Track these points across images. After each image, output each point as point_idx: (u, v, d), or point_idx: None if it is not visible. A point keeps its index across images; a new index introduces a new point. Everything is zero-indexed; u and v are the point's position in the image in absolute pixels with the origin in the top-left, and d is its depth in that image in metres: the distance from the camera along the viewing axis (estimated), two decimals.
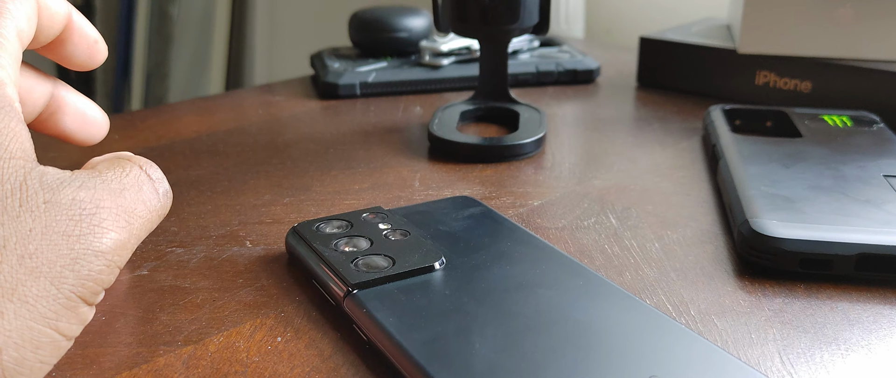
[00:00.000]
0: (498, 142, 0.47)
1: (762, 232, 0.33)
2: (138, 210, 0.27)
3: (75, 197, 0.24)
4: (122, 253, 0.25)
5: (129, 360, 0.28)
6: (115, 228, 0.25)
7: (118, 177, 0.27)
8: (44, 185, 0.24)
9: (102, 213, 0.25)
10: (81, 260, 0.24)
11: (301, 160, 0.48)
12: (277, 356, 0.28)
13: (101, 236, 0.24)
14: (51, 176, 0.25)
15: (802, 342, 0.28)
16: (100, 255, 0.24)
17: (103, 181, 0.26)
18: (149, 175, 0.28)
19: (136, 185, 0.27)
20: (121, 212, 0.26)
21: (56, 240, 0.23)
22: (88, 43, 0.31)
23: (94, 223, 0.24)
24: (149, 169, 0.29)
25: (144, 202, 0.27)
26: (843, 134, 0.46)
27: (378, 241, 0.33)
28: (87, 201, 0.25)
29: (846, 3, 0.55)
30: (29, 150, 0.25)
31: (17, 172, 0.24)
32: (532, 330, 0.27)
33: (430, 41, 0.64)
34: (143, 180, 0.28)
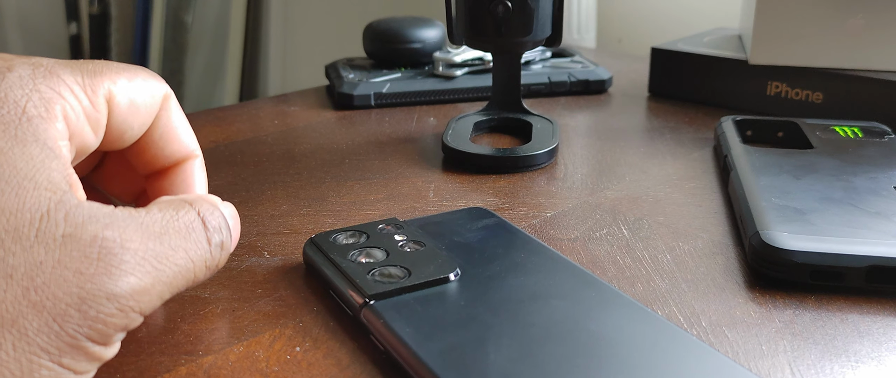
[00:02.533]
0: (511, 153, 0.48)
1: (773, 244, 0.34)
2: (176, 258, 0.25)
3: (98, 234, 0.23)
4: (141, 299, 0.24)
5: (151, 369, 0.28)
6: (137, 273, 0.24)
7: (164, 218, 0.26)
8: (69, 218, 0.23)
9: (125, 255, 0.24)
10: (90, 301, 0.23)
11: (317, 170, 0.48)
12: (296, 366, 0.28)
13: (116, 279, 0.23)
14: (82, 211, 0.24)
15: (813, 354, 0.29)
16: (112, 299, 0.23)
17: (142, 222, 0.25)
18: (205, 222, 0.27)
19: (182, 231, 0.26)
20: (149, 256, 0.24)
21: (66, 276, 0.22)
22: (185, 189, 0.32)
23: (112, 264, 0.23)
24: (208, 216, 0.27)
25: (187, 250, 0.26)
26: (854, 145, 0.46)
27: (394, 252, 0.34)
28: (112, 240, 0.23)
29: (857, 13, 0.55)
30: (59, 183, 0.24)
31: (40, 203, 0.23)
32: (546, 340, 0.27)
33: (443, 52, 0.65)
34: (195, 227, 0.27)
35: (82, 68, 0.27)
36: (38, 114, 0.25)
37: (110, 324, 0.23)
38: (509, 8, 0.48)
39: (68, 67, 0.26)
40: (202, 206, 0.27)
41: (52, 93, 0.25)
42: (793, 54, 0.57)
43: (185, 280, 0.26)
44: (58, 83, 0.26)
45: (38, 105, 0.25)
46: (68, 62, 0.27)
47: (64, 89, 0.26)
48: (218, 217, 0.28)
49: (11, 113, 0.24)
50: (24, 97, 0.25)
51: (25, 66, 0.26)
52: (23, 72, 0.25)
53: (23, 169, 0.23)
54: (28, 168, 0.24)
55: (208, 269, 0.27)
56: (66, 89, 0.26)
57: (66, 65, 0.27)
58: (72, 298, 0.22)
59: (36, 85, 0.25)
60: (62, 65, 0.26)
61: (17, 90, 0.25)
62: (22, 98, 0.25)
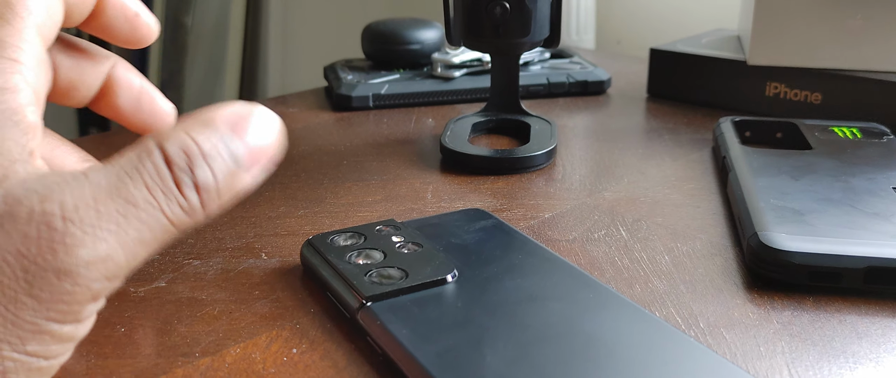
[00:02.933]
0: (509, 154, 0.48)
1: (771, 245, 0.34)
2: (138, 213, 0.22)
3: (35, 209, 0.21)
4: (103, 268, 0.22)
5: (148, 371, 0.28)
6: (88, 243, 0.21)
7: (122, 169, 0.23)
8: (7, 197, 0.21)
9: (69, 227, 0.21)
10: (39, 282, 0.21)
11: (315, 172, 0.48)
12: (293, 368, 0.28)
13: (64, 254, 0.21)
14: (21, 185, 0.22)
15: (811, 355, 0.29)
16: (63, 276, 0.21)
17: (93, 182, 0.22)
18: (169, 162, 0.23)
19: (143, 180, 0.22)
20: (102, 220, 0.22)
21: (9, 260, 0.21)
22: (128, 16, 0.28)
23: (54, 240, 0.21)
24: (173, 152, 0.23)
25: (151, 201, 0.22)
26: (852, 146, 0.46)
27: (391, 253, 0.33)
28: (50, 214, 0.21)
29: (856, 14, 0.55)
30: (11, 153, 0.22)
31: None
32: (543, 342, 0.27)
33: (442, 53, 0.65)
34: (160, 172, 0.23)
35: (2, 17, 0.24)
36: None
37: (72, 301, 0.21)
38: (507, 9, 0.48)
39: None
40: (170, 143, 0.23)
41: (3, 61, 0.24)
42: (791, 55, 0.57)
43: (160, 233, 0.23)
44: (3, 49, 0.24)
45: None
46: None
47: (12, 52, 0.24)
48: (190, 151, 0.23)
49: None
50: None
51: None
52: None
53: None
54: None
55: (191, 213, 0.23)
56: (13, 51, 0.24)
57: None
58: (19, 284, 0.21)
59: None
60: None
61: None
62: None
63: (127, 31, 0.29)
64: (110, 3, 0.28)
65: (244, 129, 0.25)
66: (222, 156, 0.24)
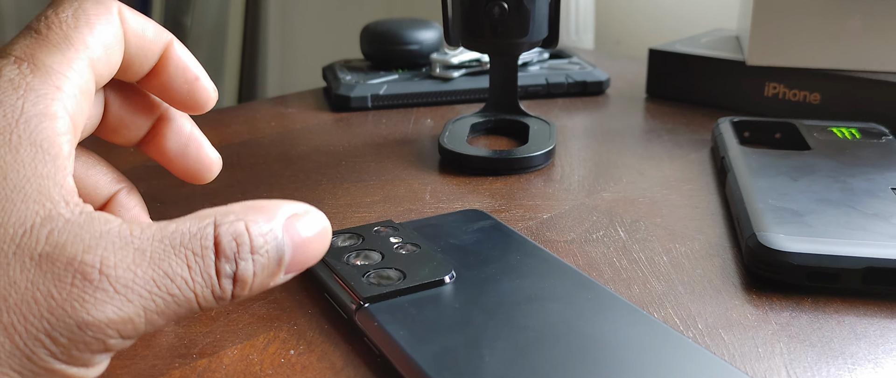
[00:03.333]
0: (508, 154, 0.48)
1: (769, 246, 0.33)
2: (170, 286, 0.23)
3: (76, 257, 0.21)
4: (121, 329, 0.22)
5: (145, 372, 0.28)
6: (117, 302, 0.22)
7: (171, 239, 0.23)
8: (51, 237, 0.22)
9: (103, 283, 0.22)
10: (60, 328, 0.21)
11: (313, 173, 0.48)
12: (290, 369, 0.28)
13: (89, 307, 0.21)
14: (68, 229, 0.22)
15: (809, 356, 0.29)
16: (85, 327, 0.21)
17: (137, 245, 0.22)
18: (218, 246, 0.23)
19: (186, 258, 0.23)
20: (137, 284, 0.22)
21: (38, 298, 0.21)
22: (187, 79, 0.29)
23: (86, 291, 0.21)
24: (225, 239, 0.23)
25: (187, 279, 0.23)
26: (851, 146, 0.46)
27: (389, 254, 0.33)
28: (90, 265, 0.21)
29: (855, 15, 0.55)
30: (50, 193, 0.22)
31: (26, 217, 0.22)
32: (541, 343, 0.27)
33: (440, 54, 0.65)
34: (205, 255, 0.23)
35: (57, 46, 0.25)
36: (37, 112, 0.23)
37: (86, 350, 0.22)
38: (505, 9, 0.48)
39: (45, 50, 0.25)
40: (226, 228, 0.23)
41: (47, 86, 0.24)
42: (790, 55, 0.57)
43: (185, 309, 0.23)
44: (49, 75, 0.24)
45: (37, 103, 0.24)
46: (40, 42, 0.25)
47: (57, 79, 0.24)
48: (241, 242, 0.23)
49: (8, 117, 0.23)
50: (19, 99, 0.23)
51: (11, 67, 0.24)
52: (10, 73, 0.24)
53: (13, 179, 0.22)
54: (18, 178, 0.22)
55: (218, 300, 0.24)
56: (58, 78, 0.24)
57: (41, 48, 0.25)
58: (42, 323, 0.21)
59: (29, 83, 0.24)
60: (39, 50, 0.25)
61: (12, 94, 0.23)
62: (18, 100, 0.23)
63: (185, 93, 0.30)
64: (172, 61, 0.29)
65: (298, 230, 0.25)
66: (270, 254, 0.24)
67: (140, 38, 0.28)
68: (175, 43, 0.29)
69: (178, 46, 0.29)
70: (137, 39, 0.28)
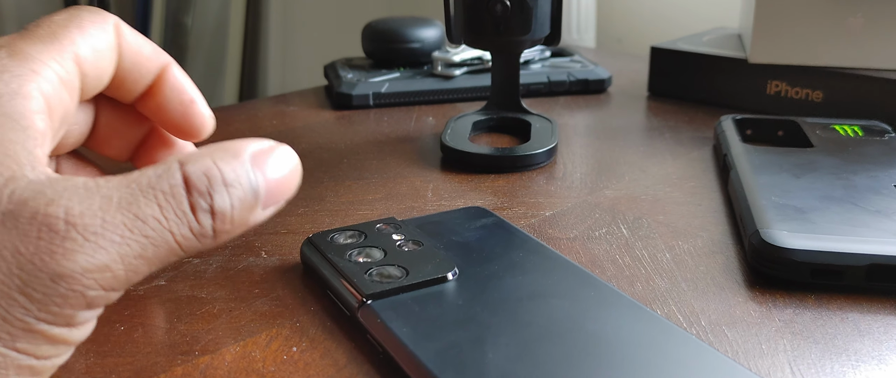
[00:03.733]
0: (510, 152, 0.48)
1: (773, 243, 0.33)
2: (145, 229, 0.22)
3: (39, 210, 0.21)
4: (99, 276, 0.22)
5: (147, 369, 0.28)
6: (88, 250, 0.21)
7: (138, 184, 0.23)
8: (14, 195, 0.21)
9: (71, 232, 0.21)
10: (32, 283, 0.21)
11: (315, 170, 0.48)
12: (293, 366, 0.28)
13: (61, 257, 0.21)
14: (30, 187, 0.22)
15: (813, 353, 0.29)
16: (58, 279, 0.21)
17: (104, 193, 0.22)
18: (188, 183, 0.23)
19: (156, 199, 0.23)
20: (107, 230, 0.22)
21: (6, 257, 0.21)
22: (183, 101, 0.29)
23: (54, 242, 0.21)
24: (195, 175, 0.23)
25: (160, 219, 0.23)
26: (854, 143, 0.46)
27: (392, 251, 0.33)
28: (54, 217, 0.21)
29: (857, 12, 0.55)
30: (17, 156, 0.22)
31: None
32: (544, 340, 0.27)
33: (442, 52, 0.65)
34: (176, 193, 0.23)
35: (41, 38, 0.25)
36: (10, 91, 0.23)
37: (64, 305, 0.21)
38: (508, 7, 0.48)
39: (28, 41, 0.25)
40: (193, 166, 0.23)
41: (23, 69, 0.24)
42: (792, 53, 0.57)
43: (165, 251, 0.23)
44: (26, 60, 0.24)
45: (10, 82, 0.24)
46: (24, 35, 0.25)
47: (34, 64, 0.25)
48: (212, 176, 0.23)
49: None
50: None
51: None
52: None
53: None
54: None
55: (200, 238, 0.23)
56: (36, 64, 0.25)
57: (24, 39, 0.25)
58: (13, 281, 0.21)
59: (4, 65, 0.24)
60: (22, 40, 0.25)
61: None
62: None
63: (179, 116, 0.30)
64: (169, 82, 0.29)
65: (267, 164, 0.25)
66: (243, 186, 0.24)
67: (136, 54, 0.28)
68: (173, 65, 0.29)
69: (176, 69, 0.30)
70: (133, 54, 0.28)
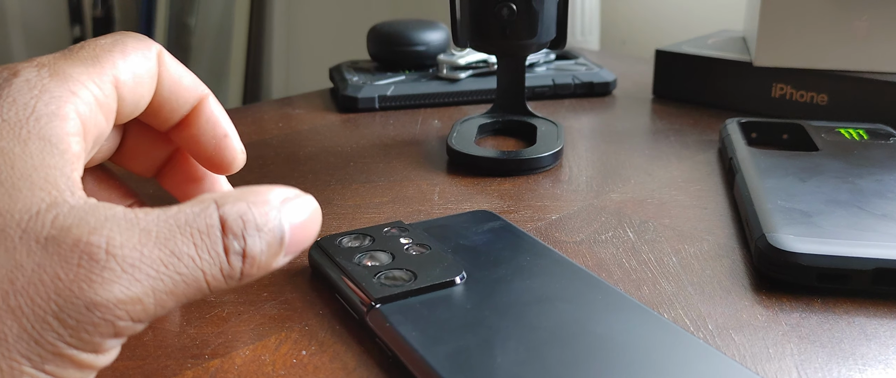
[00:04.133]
0: (516, 155, 0.48)
1: (779, 246, 0.34)
2: (178, 265, 0.23)
3: (82, 239, 0.22)
4: (130, 309, 0.22)
5: (158, 372, 0.28)
6: (124, 281, 0.22)
7: (176, 220, 0.23)
8: (57, 220, 0.22)
9: (110, 262, 0.22)
10: (68, 309, 0.21)
11: (322, 173, 0.48)
12: (303, 369, 0.28)
13: (96, 287, 0.22)
14: (73, 213, 0.22)
15: (820, 357, 0.29)
16: (92, 308, 0.21)
17: (143, 226, 0.23)
18: (224, 225, 0.24)
19: (193, 235, 0.23)
20: (143, 263, 0.22)
21: (44, 280, 0.21)
22: (216, 134, 0.30)
23: (93, 271, 0.22)
24: (230, 218, 0.24)
25: (194, 257, 0.23)
26: (859, 147, 0.46)
27: (399, 255, 0.34)
28: (96, 246, 0.22)
29: (862, 15, 0.55)
30: (57, 182, 0.23)
31: (32, 203, 0.22)
32: (553, 343, 0.27)
33: (447, 55, 0.65)
34: (211, 232, 0.24)
35: (83, 60, 0.26)
36: (49, 112, 0.24)
37: (94, 333, 0.22)
38: (514, 10, 0.48)
39: (70, 61, 0.26)
40: (230, 207, 0.24)
41: (62, 90, 0.25)
42: (798, 56, 0.57)
43: (194, 290, 0.24)
44: (66, 81, 0.25)
45: (49, 103, 0.24)
46: (67, 55, 0.26)
47: (73, 85, 0.25)
48: (247, 220, 0.24)
49: (20, 114, 0.24)
50: (33, 98, 0.24)
51: (31, 69, 0.25)
52: (29, 75, 0.25)
53: (20, 168, 0.23)
54: (25, 167, 0.23)
55: (228, 279, 0.24)
56: (76, 85, 0.25)
57: (66, 59, 0.26)
58: (49, 305, 0.21)
59: (45, 85, 0.25)
60: (64, 61, 0.26)
61: (26, 93, 0.24)
62: (31, 99, 0.24)
63: (212, 149, 0.31)
64: (205, 114, 0.30)
65: (293, 211, 0.26)
66: (273, 232, 0.25)
67: (175, 83, 0.29)
68: (210, 98, 0.30)
69: (213, 102, 0.30)
70: (172, 84, 0.29)
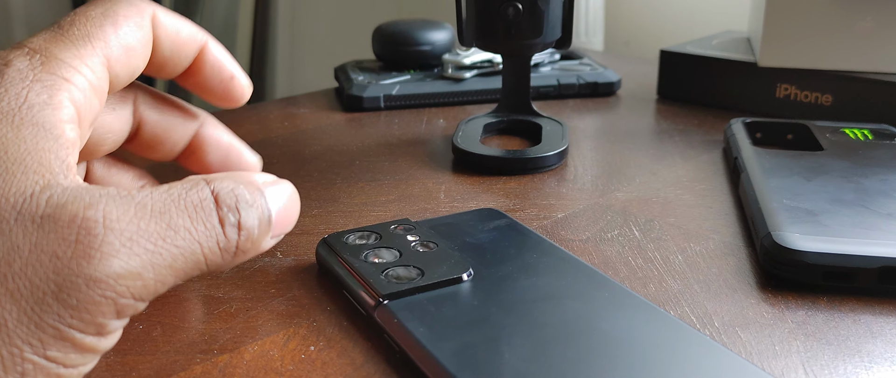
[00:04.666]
0: (521, 154, 0.48)
1: (785, 245, 0.34)
2: (176, 239, 0.23)
3: (79, 214, 0.22)
4: (130, 283, 0.22)
5: (167, 367, 0.28)
6: (123, 255, 0.22)
7: (169, 195, 0.23)
8: (51, 200, 0.22)
9: (109, 236, 0.22)
10: (67, 287, 0.21)
11: (328, 172, 0.48)
12: (311, 365, 0.28)
13: (96, 262, 0.21)
14: (67, 192, 0.22)
15: (826, 354, 0.29)
16: (92, 284, 0.21)
17: (138, 201, 0.23)
18: (217, 199, 0.24)
19: (187, 209, 0.24)
20: (140, 237, 0.22)
21: (42, 260, 0.21)
22: (223, 78, 0.30)
23: (92, 246, 0.21)
24: (223, 192, 0.24)
25: (191, 230, 0.23)
26: (864, 147, 0.47)
27: (406, 252, 0.34)
28: (93, 220, 0.22)
29: (867, 16, 0.55)
30: (50, 165, 0.23)
31: (26, 186, 0.22)
32: (559, 340, 0.27)
33: (452, 54, 0.65)
34: (204, 205, 0.24)
35: (74, 40, 0.25)
36: (41, 101, 0.24)
37: (96, 312, 0.22)
38: (520, 10, 0.48)
39: (61, 44, 0.25)
40: (220, 183, 0.24)
41: (54, 78, 0.24)
42: (802, 56, 0.57)
43: (192, 264, 0.24)
44: (58, 67, 0.25)
45: (41, 93, 0.24)
46: (58, 36, 0.25)
47: (66, 71, 0.25)
48: (238, 195, 0.25)
49: (12, 103, 0.23)
50: (25, 89, 0.24)
51: (22, 58, 0.24)
52: (21, 64, 0.24)
53: (14, 153, 0.22)
54: (18, 152, 0.22)
55: (224, 253, 0.24)
56: (68, 70, 0.25)
57: (57, 41, 0.25)
58: (48, 286, 0.21)
59: (37, 75, 0.24)
60: (55, 44, 0.25)
61: (18, 83, 0.24)
62: (24, 90, 0.24)
63: (221, 91, 0.31)
64: (208, 61, 0.30)
65: (275, 194, 0.27)
66: (263, 210, 0.26)
67: (173, 40, 0.29)
68: (210, 43, 0.30)
69: (214, 46, 0.30)
70: (171, 41, 0.29)
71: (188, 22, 0.29)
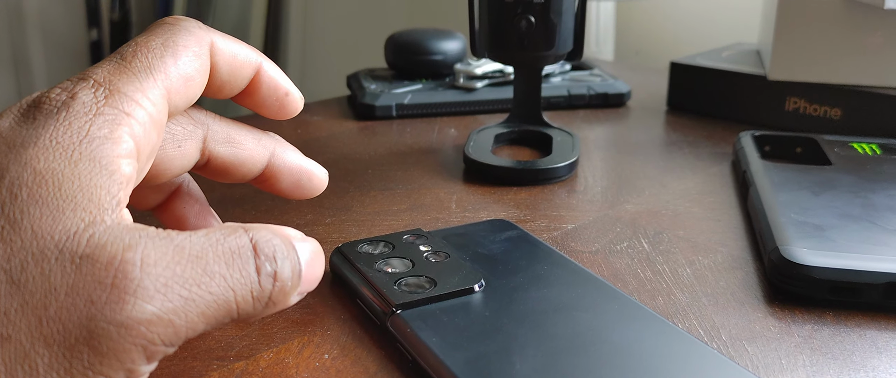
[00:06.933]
0: (532, 165, 0.49)
1: (792, 259, 0.34)
2: (211, 285, 0.23)
3: (117, 256, 0.21)
4: (162, 330, 0.22)
5: (184, 373, 0.29)
6: (157, 300, 0.21)
7: (208, 240, 0.23)
8: (92, 239, 0.22)
9: (145, 280, 0.21)
10: (100, 334, 0.21)
11: (340, 180, 0.49)
12: (325, 373, 0.29)
13: (131, 307, 0.21)
14: (109, 231, 0.22)
15: (831, 369, 0.29)
16: (124, 331, 0.21)
17: (177, 244, 0.23)
18: (256, 248, 0.24)
19: (225, 255, 0.23)
20: (176, 282, 0.22)
21: (77, 304, 0.21)
22: (278, 96, 0.31)
23: (127, 290, 0.21)
24: (261, 242, 0.24)
25: (226, 277, 0.23)
26: (872, 162, 0.47)
27: (419, 262, 0.34)
28: (130, 263, 0.21)
29: (876, 31, 0.55)
30: (100, 201, 0.23)
31: (72, 224, 0.22)
32: (569, 351, 0.28)
33: (464, 64, 0.66)
34: (242, 253, 0.24)
35: (136, 73, 0.26)
36: (101, 135, 0.24)
37: (126, 358, 0.21)
38: (532, 23, 0.49)
39: (124, 77, 0.26)
40: (259, 233, 0.25)
41: (116, 112, 0.25)
42: (812, 70, 0.58)
43: (224, 311, 0.23)
44: (121, 101, 0.25)
45: (102, 127, 0.24)
46: (121, 68, 0.26)
47: (128, 105, 0.25)
48: (275, 245, 0.25)
49: (74, 137, 0.24)
50: (87, 122, 0.24)
51: (87, 92, 0.25)
52: (86, 97, 0.25)
53: (67, 189, 0.23)
54: (72, 189, 0.23)
55: (256, 302, 0.24)
56: (130, 104, 0.25)
57: (121, 74, 0.26)
58: (81, 331, 0.21)
59: (100, 108, 0.24)
60: (119, 77, 0.25)
61: (82, 117, 0.24)
62: (86, 123, 0.24)
63: (277, 108, 0.31)
64: (264, 81, 0.31)
65: (303, 249, 0.26)
66: (295, 263, 0.25)
67: (230, 64, 0.29)
68: (265, 64, 0.31)
69: (269, 66, 0.31)
70: (229, 65, 0.29)
71: (243, 45, 0.30)
